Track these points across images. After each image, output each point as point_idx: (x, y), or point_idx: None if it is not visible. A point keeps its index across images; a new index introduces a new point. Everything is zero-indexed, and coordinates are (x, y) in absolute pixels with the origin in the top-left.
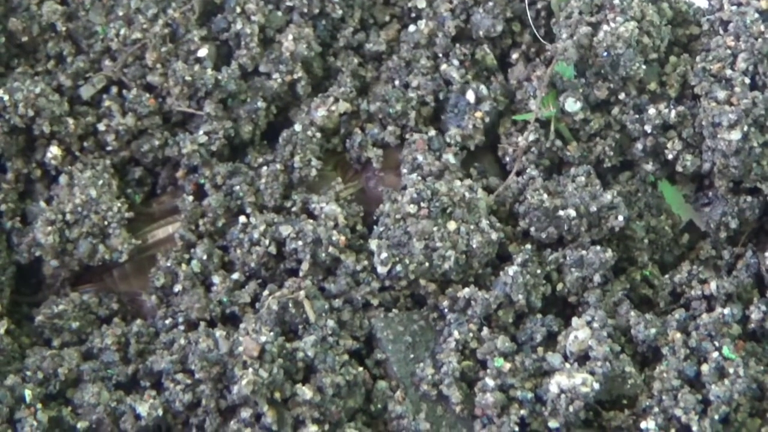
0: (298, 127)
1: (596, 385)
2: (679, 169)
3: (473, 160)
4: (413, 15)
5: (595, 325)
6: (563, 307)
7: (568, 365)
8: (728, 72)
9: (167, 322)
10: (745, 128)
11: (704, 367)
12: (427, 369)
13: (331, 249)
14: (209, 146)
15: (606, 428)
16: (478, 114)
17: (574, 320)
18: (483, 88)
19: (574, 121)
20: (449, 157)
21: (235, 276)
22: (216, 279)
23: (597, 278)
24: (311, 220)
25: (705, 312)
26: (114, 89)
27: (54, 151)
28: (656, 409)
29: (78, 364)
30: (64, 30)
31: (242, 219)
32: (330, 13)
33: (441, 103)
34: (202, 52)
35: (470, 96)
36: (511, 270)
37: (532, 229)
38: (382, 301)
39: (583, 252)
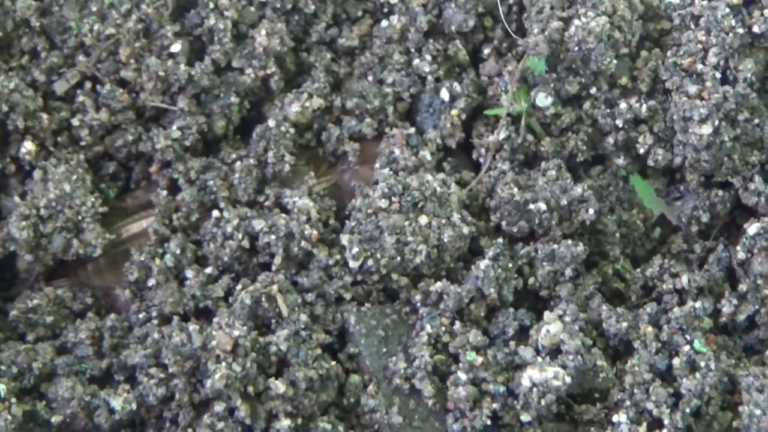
0: (271, 123)
1: (568, 379)
2: (650, 163)
3: (446, 155)
4: (385, 10)
5: (567, 319)
6: (535, 301)
7: (540, 359)
8: (699, 66)
9: (141, 316)
10: (716, 122)
11: (676, 361)
12: (400, 363)
13: (303, 243)
14: (183, 141)
15: (578, 422)
16: (454, 112)
17: (546, 314)
18: (456, 86)
19: (545, 116)
20: (425, 154)
21: (209, 270)
22: (189, 273)
23: (568, 272)
24: (284, 215)
25: (676, 306)
26: (88, 84)
27: (28, 146)
28: (628, 403)
29: (52, 358)
30: (38, 25)
31: (215, 213)
32: (303, 8)
33: (415, 98)
34: (176, 47)
35: (444, 95)
36: (483, 264)
37: (503, 223)
38: (355, 295)
39: (555, 246)
